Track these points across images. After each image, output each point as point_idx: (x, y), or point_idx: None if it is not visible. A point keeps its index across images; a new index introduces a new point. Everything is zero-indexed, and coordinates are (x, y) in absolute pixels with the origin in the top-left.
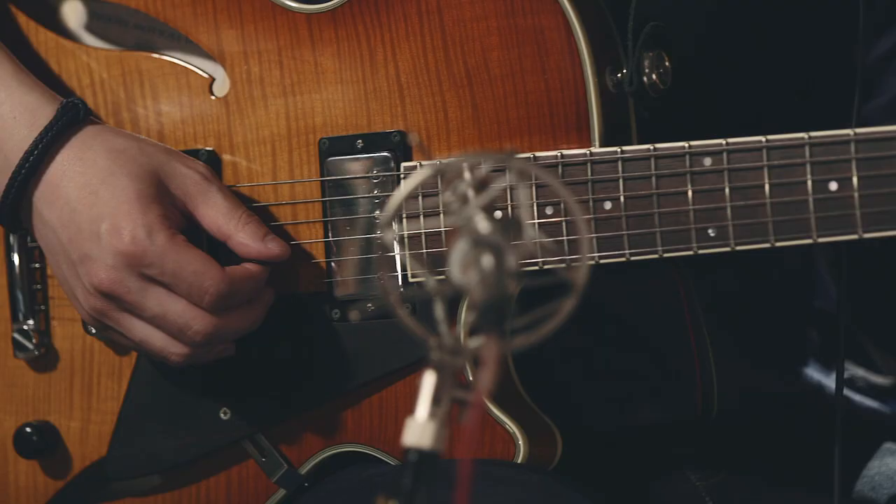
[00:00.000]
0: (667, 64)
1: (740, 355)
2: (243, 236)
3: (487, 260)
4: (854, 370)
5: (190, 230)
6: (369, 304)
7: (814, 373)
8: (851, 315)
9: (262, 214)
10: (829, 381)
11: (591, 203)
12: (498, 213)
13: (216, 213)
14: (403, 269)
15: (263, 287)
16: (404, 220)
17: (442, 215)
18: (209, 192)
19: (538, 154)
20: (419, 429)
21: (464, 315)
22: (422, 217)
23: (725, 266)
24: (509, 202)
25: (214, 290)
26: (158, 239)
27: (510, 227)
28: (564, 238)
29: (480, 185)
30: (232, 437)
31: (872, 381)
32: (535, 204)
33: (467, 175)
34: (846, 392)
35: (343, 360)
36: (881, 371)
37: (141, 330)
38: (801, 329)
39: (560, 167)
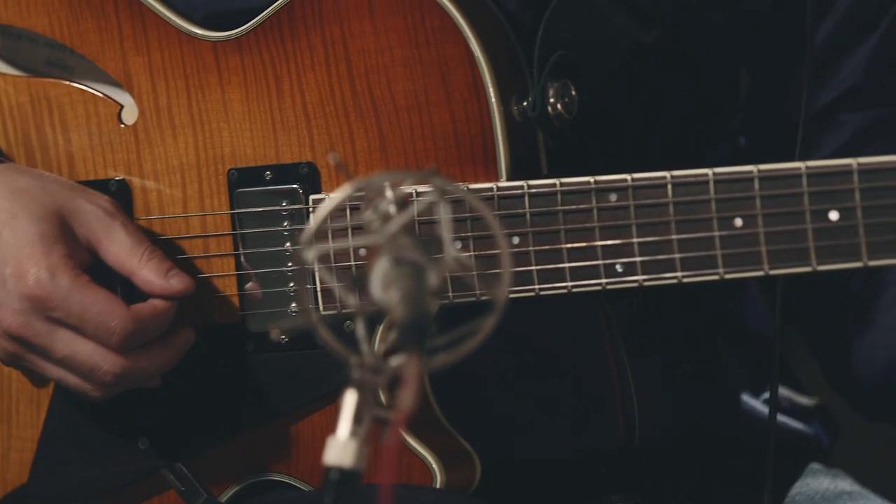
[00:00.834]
0: (573, 93)
1: (666, 378)
2: (146, 272)
3: (408, 278)
4: (779, 390)
5: (101, 267)
6: (283, 336)
7: (741, 395)
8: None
9: (173, 246)
10: (756, 403)
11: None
12: (418, 232)
13: (119, 250)
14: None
15: (178, 325)
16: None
17: (350, 237)
18: (112, 227)
19: None
20: (340, 447)
21: (381, 333)
22: (330, 239)
23: (647, 291)
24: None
25: (121, 330)
26: (62, 281)
27: (431, 245)
28: (475, 273)
29: (401, 204)
30: (150, 467)
31: (797, 402)
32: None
33: (389, 193)
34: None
35: (259, 392)
36: (806, 391)
37: (55, 371)
38: (728, 350)
39: (466, 201)
